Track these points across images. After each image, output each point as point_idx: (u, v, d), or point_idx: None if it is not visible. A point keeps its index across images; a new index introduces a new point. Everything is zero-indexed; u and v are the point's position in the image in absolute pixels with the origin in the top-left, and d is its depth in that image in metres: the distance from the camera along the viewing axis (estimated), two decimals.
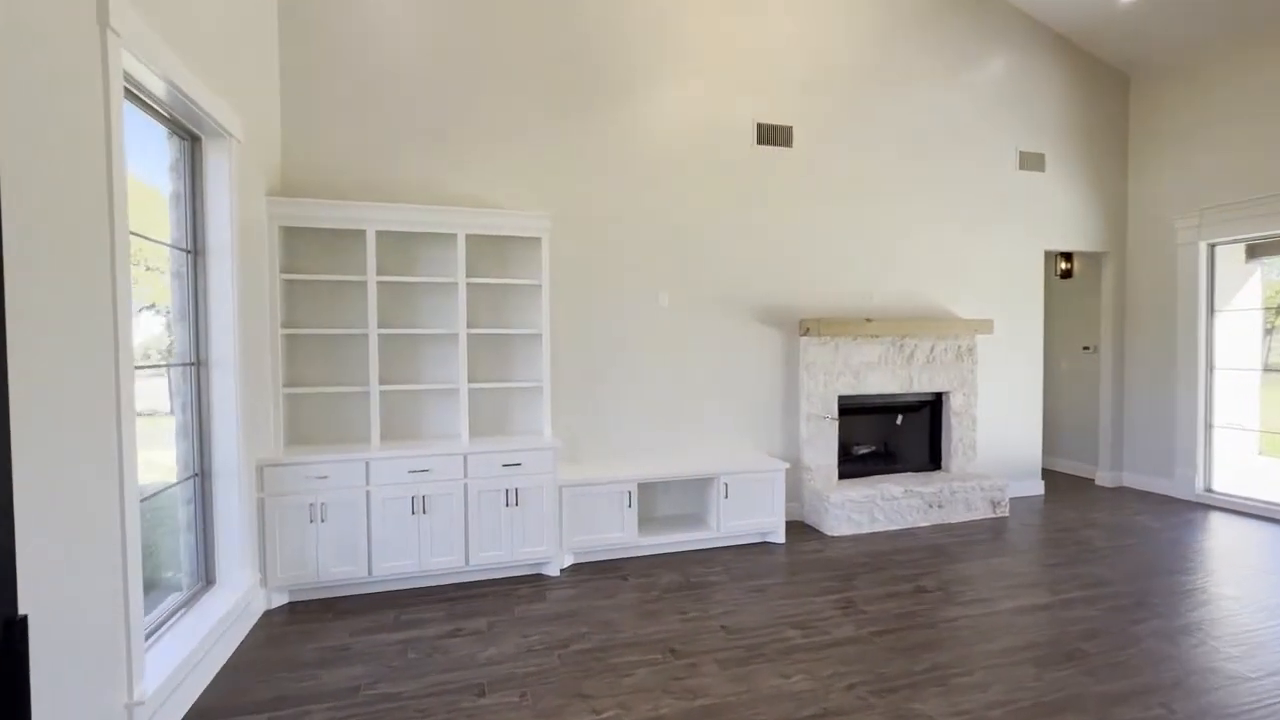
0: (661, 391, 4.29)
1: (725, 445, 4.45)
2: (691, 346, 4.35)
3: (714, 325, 4.41)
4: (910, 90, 4.84)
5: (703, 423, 4.40)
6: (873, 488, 4.41)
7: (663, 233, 4.28)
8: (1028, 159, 5.17)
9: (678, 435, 4.34)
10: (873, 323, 4.49)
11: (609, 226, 4.16)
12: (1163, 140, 5.27)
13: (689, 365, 4.35)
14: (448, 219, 3.56)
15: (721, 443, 4.44)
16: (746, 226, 4.46)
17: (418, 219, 3.52)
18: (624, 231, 4.20)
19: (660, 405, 4.30)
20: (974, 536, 4.21)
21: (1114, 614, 3.02)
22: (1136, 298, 5.47)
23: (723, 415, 4.44)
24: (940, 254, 4.94)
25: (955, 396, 4.90)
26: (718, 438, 4.44)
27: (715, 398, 4.42)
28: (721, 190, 4.39)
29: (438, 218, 3.55)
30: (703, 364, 4.38)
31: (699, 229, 4.35)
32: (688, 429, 4.36)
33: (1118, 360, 5.56)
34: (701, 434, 4.40)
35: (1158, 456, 5.32)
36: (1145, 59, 5.26)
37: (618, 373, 4.20)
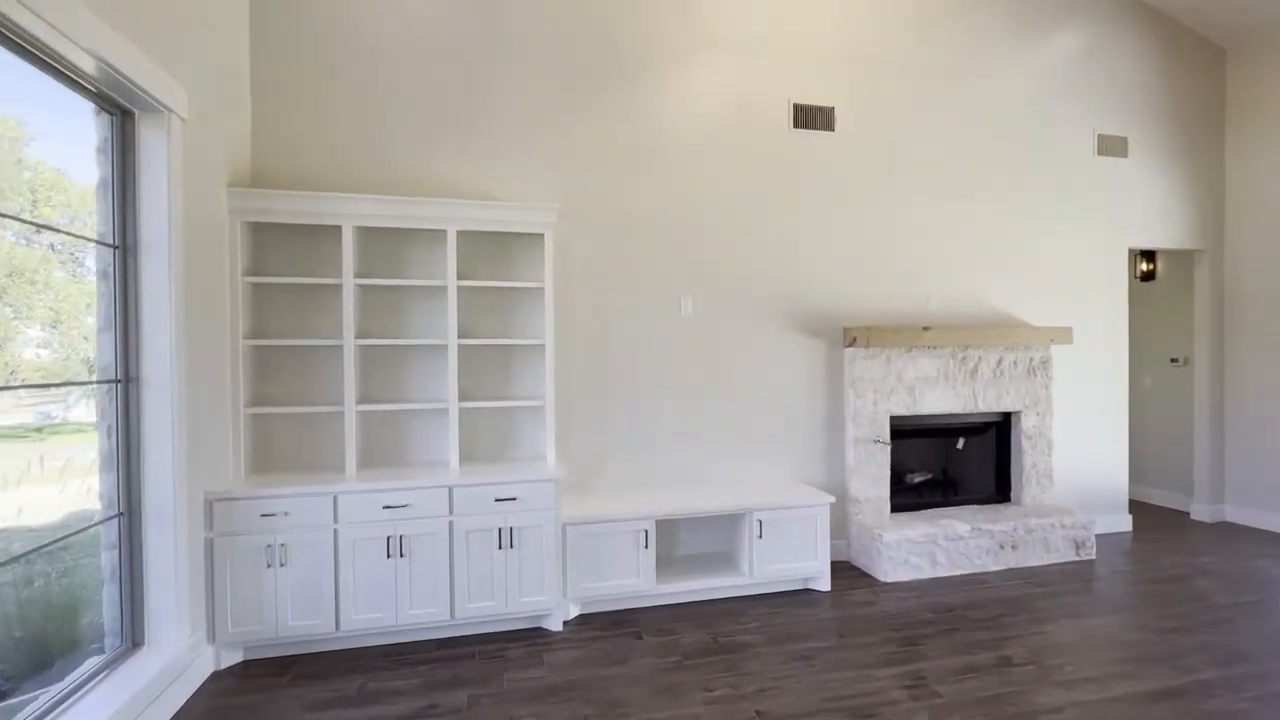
0: (684, 411, 3.73)
1: (758, 473, 3.86)
2: (719, 359, 3.78)
3: (745, 335, 3.83)
4: (971, 68, 4.22)
5: (732, 447, 3.82)
6: (933, 525, 3.75)
7: (686, 230, 3.74)
8: (1108, 143, 4.49)
9: (702, 461, 3.77)
10: (931, 331, 3.86)
11: (624, 223, 3.64)
12: (1268, 120, 4.53)
13: (716, 381, 3.78)
14: (436, 212, 3.08)
15: (754, 470, 3.85)
16: (781, 222, 3.89)
17: (401, 212, 3.05)
18: (641, 229, 3.67)
19: (682, 427, 3.73)
20: (1059, 586, 3.52)
21: (1270, 705, 2.33)
22: (1239, 302, 4.72)
23: (755, 438, 3.85)
24: (1006, 252, 4.29)
25: (1027, 417, 4.22)
26: (749, 464, 3.85)
27: (746, 418, 3.83)
28: (753, 181, 3.84)
29: (424, 211, 3.07)
30: (731, 380, 3.81)
31: (727, 225, 3.80)
32: (714, 454, 3.79)
33: (1216, 375, 4.80)
34: (730, 460, 3.81)
35: (1269, 487, 4.54)
36: (1245, 27, 4.55)
37: (633, 389, 3.65)
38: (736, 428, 3.82)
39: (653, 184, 3.67)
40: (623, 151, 3.63)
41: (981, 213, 4.23)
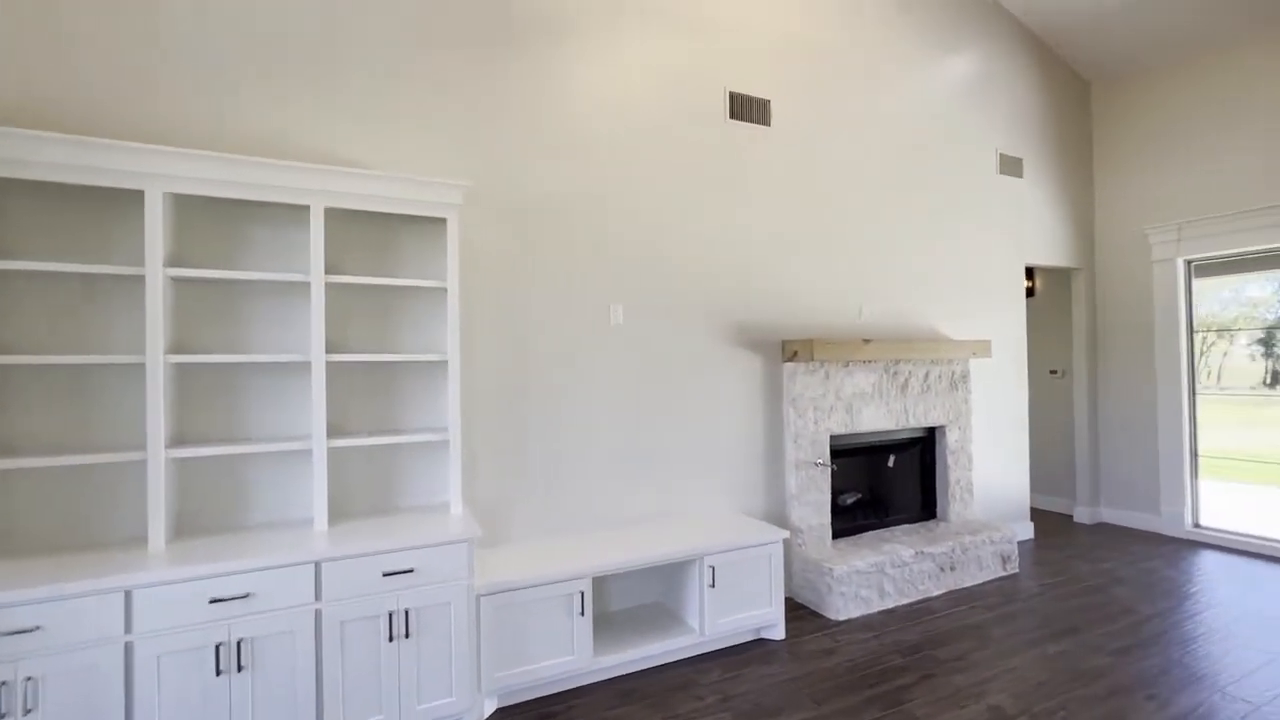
0: (614, 439, 3.15)
1: (696, 506, 3.37)
2: (653, 377, 3.26)
3: (681, 348, 3.35)
4: (894, 73, 4.13)
5: (668, 478, 3.30)
6: (878, 552, 3.50)
7: (617, 227, 3.19)
8: (1007, 163, 4.65)
9: (635, 497, 3.21)
10: (870, 344, 3.64)
11: (544, 215, 3.00)
12: (1129, 149, 4.96)
13: (650, 402, 3.25)
14: (297, 181, 2.25)
15: (691, 503, 3.36)
16: (719, 221, 3.47)
17: (244, 177, 2.18)
18: (565, 223, 3.06)
19: (613, 457, 3.15)
20: (1001, 608, 3.40)
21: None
22: (1110, 318, 5.09)
23: (692, 467, 3.37)
24: (926, 265, 4.23)
25: (951, 431, 4.16)
26: (686, 497, 3.35)
27: (682, 445, 3.34)
28: (690, 176, 3.39)
29: (279, 178, 2.23)
30: (667, 401, 3.30)
31: (662, 224, 3.31)
32: (648, 487, 3.24)
33: (1091, 385, 5.14)
34: (666, 493, 3.29)
35: (1139, 490, 4.90)
36: (1105, 63, 4.95)
37: (555, 414, 3.01)
38: (672, 456, 3.31)
39: (578, 171, 3.08)
40: (542, 130, 3.00)
41: (903, 224, 4.13)
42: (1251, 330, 4.51)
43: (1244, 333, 4.54)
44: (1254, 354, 4.52)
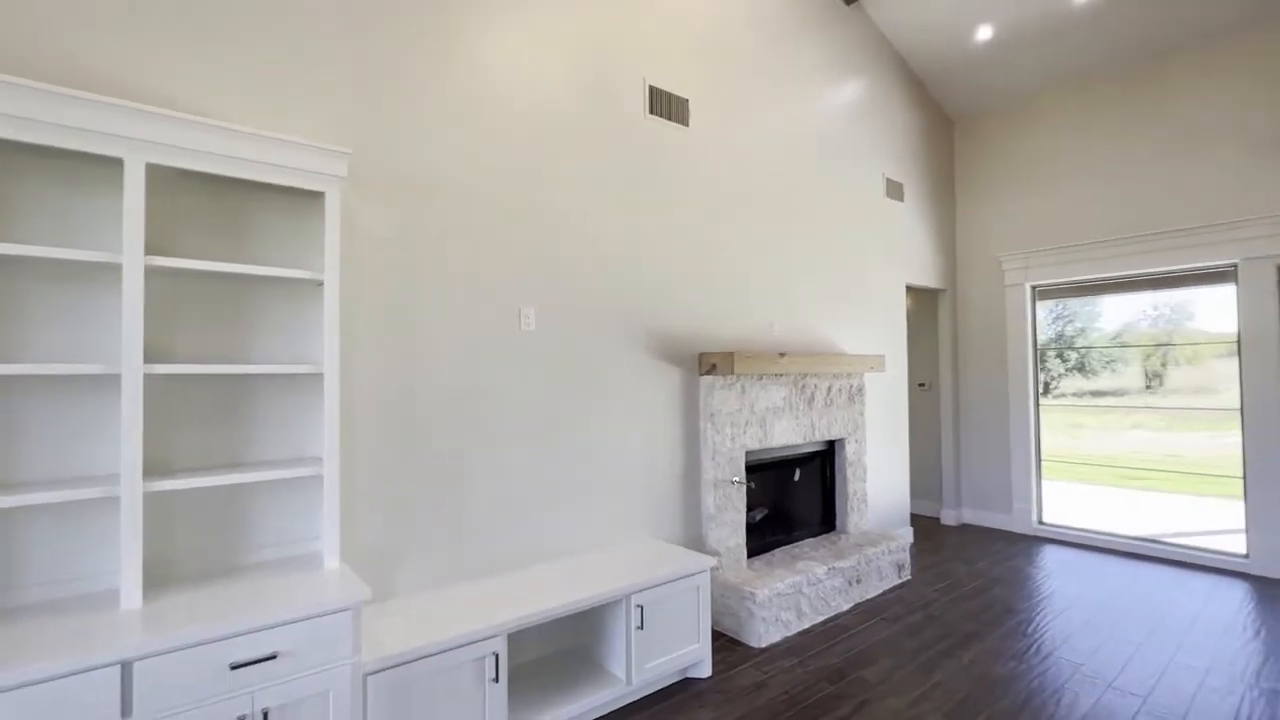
0: (527, 461, 2.74)
1: (613, 535, 3.05)
2: (568, 390, 2.90)
3: (599, 358, 3.02)
4: (801, 90, 4.16)
5: (584, 504, 2.94)
6: (794, 570, 3.41)
7: (529, 219, 2.79)
8: (892, 187, 4.91)
9: (551, 528, 2.81)
10: (786, 358, 3.57)
11: (449, 201, 2.53)
12: (985, 184, 5.48)
13: (565, 418, 2.88)
14: (108, 122, 1.62)
15: (607, 532, 3.03)
16: (638, 222, 3.21)
17: (24, 109, 1.51)
18: (472, 211, 2.61)
19: (526, 483, 2.73)
20: (906, 619, 3.46)
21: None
22: (970, 335, 5.58)
23: (609, 490, 3.04)
24: (825, 280, 4.29)
25: (849, 444, 4.23)
26: (601, 526, 3.02)
27: (600, 466, 3.01)
28: (607, 171, 3.08)
29: (83, 115, 1.58)
30: (584, 416, 2.95)
31: (578, 219, 2.97)
32: (564, 516, 2.87)
33: (954, 398, 5.59)
34: (583, 521, 2.94)
35: (994, 492, 5.39)
36: (966, 104, 5.45)
37: (458, 435, 2.54)
38: (589, 480, 2.96)
39: (486, 154, 2.64)
40: (447, 102, 2.54)
41: (806, 240, 4.16)
42: (1083, 348, 5.15)
43: (1076, 350, 5.18)
44: (1086, 367, 5.17)
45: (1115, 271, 4.74)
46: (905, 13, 4.59)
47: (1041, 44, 4.60)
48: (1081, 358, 5.18)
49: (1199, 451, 5.22)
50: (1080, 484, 5.20)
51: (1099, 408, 5.13)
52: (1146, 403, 5.09)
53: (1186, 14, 4.12)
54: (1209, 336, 4.71)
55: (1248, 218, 4.12)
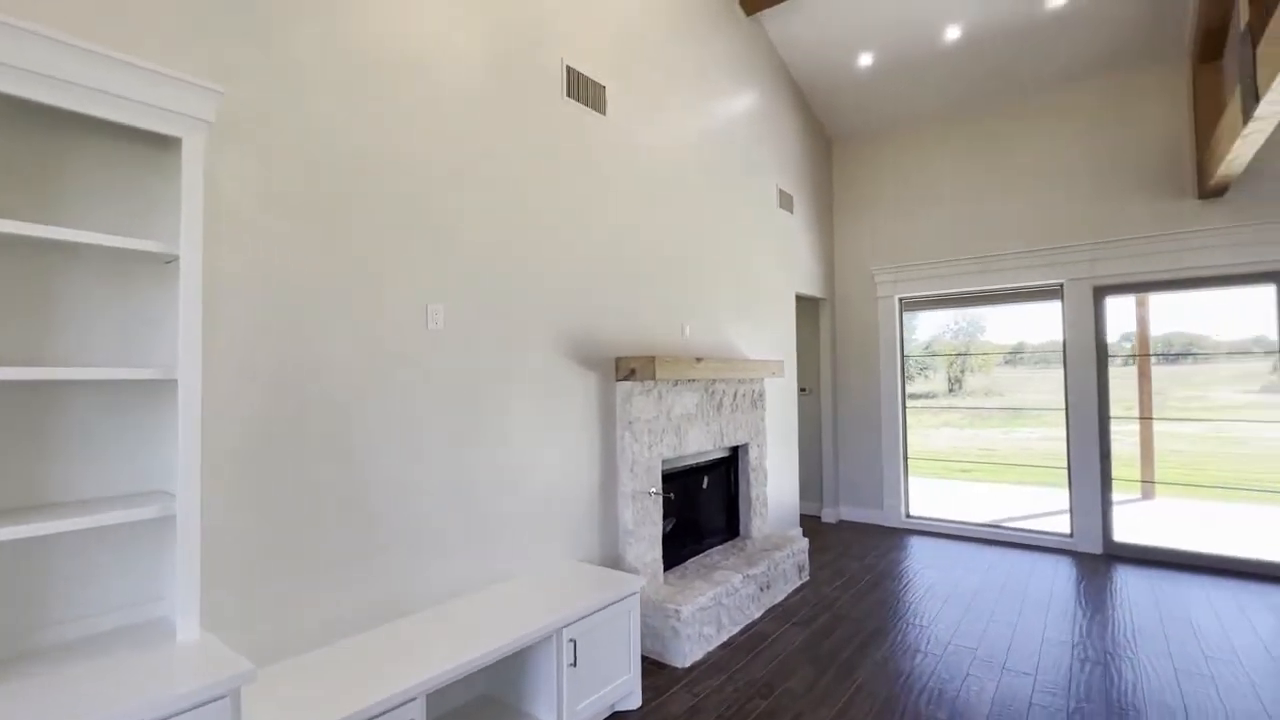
0: (433, 480, 2.34)
1: (530, 559, 2.73)
2: (482, 397, 2.54)
3: (515, 362, 2.70)
4: (710, 93, 4.13)
5: (499, 526, 2.60)
6: (711, 581, 3.31)
7: (439, 202, 2.41)
8: (784, 198, 5.07)
9: (463, 556, 2.43)
10: (702, 363, 3.48)
11: (345, 172, 2.09)
12: (859, 201, 5.89)
13: (478, 429, 2.52)
14: None
15: (528, 554, 2.71)
16: (553, 213, 2.93)
17: None
18: (372, 185, 2.18)
19: (433, 505, 2.34)
20: (817, 621, 3.51)
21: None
22: (846, 344, 5.94)
23: (526, 509, 2.72)
24: (729, 286, 4.30)
25: (752, 449, 4.26)
26: (521, 547, 2.69)
27: (512, 483, 2.68)
28: (521, 153, 2.78)
29: None
30: (499, 426, 2.61)
31: (493, 205, 2.63)
32: (478, 541, 2.50)
33: (833, 402, 5.91)
34: (498, 545, 2.59)
35: (868, 489, 5.77)
36: (841, 125, 5.82)
37: (351, 453, 2.09)
38: (502, 500, 2.62)
39: (388, 118, 2.22)
40: (344, 58, 2.09)
41: (712, 245, 4.13)
42: (948, 355, 5.70)
43: (942, 356, 5.72)
44: (906, 372, 5.72)
45: (968, 287, 5.30)
46: (794, 30, 4.77)
47: (912, 77, 5.02)
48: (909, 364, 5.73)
49: (1002, 445, 6.02)
50: (921, 478, 5.75)
51: (934, 408, 5.70)
52: (950, 403, 5.78)
53: (1024, 66, 4.71)
54: (997, 347, 5.50)
55: (1071, 245, 4.79)
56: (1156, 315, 4.99)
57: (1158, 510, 6.12)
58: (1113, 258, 4.65)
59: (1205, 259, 4.34)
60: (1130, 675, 2.83)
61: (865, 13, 4.50)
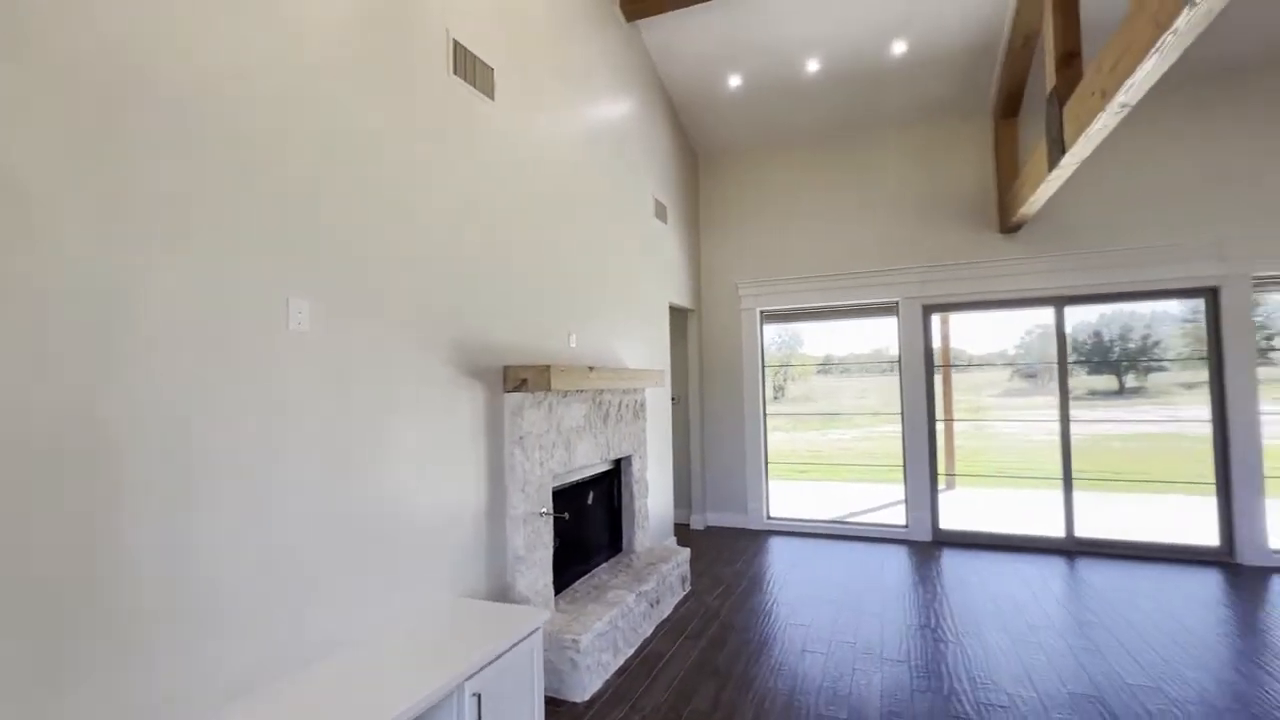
0: (294, 516, 1.89)
1: (418, 598, 2.34)
2: (353, 413, 2.12)
3: (394, 371, 2.30)
4: (594, 95, 3.98)
5: (377, 564, 2.18)
6: (605, 603, 3.13)
7: (306, 170, 1.97)
8: (659, 208, 5.08)
9: (330, 608, 1.99)
10: (595, 372, 3.30)
11: (174, 116, 1.59)
12: (724, 215, 6.12)
13: (348, 451, 2.09)
14: None
15: (408, 595, 2.31)
16: (440, 198, 2.58)
17: None
18: (223, 133, 1.69)
19: (297, 547, 1.88)
20: (707, 633, 3.48)
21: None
22: (713, 353, 6.11)
23: (405, 541, 2.33)
24: (610, 294, 4.18)
25: (635, 460, 4.16)
26: (401, 587, 2.29)
27: (392, 511, 2.27)
28: (401, 129, 2.40)
29: None
30: (372, 447, 2.20)
31: (371, 184, 2.22)
32: (351, 585, 2.07)
33: (701, 411, 6.05)
34: (375, 588, 2.17)
35: (733, 494, 5.97)
36: (705, 141, 6.03)
37: (187, 484, 1.60)
38: (378, 532, 2.21)
39: (243, 62, 1.76)
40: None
41: (592, 251, 3.98)
42: (806, 365, 6.10)
43: (798, 366, 6.10)
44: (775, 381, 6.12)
45: (821, 302, 5.74)
46: (670, 44, 4.83)
47: (776, 103, 5.33)
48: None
49: (821, 445, 6.65)
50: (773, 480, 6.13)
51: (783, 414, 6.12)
52: (795, 410, 6.28)
53: (871, 104, 5.24)
54: (810, 358, 6.12)
55: (905, 267, 5.40)
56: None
57: (960, 498, 7.14)
58: (937, 280, 5.32)
59: (1006, 284, 5.13)
60: (980, 651, 3.16)
61: (734, 36, 4.67)
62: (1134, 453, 8.65)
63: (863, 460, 11.86)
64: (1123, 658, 3.05)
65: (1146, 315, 9.67)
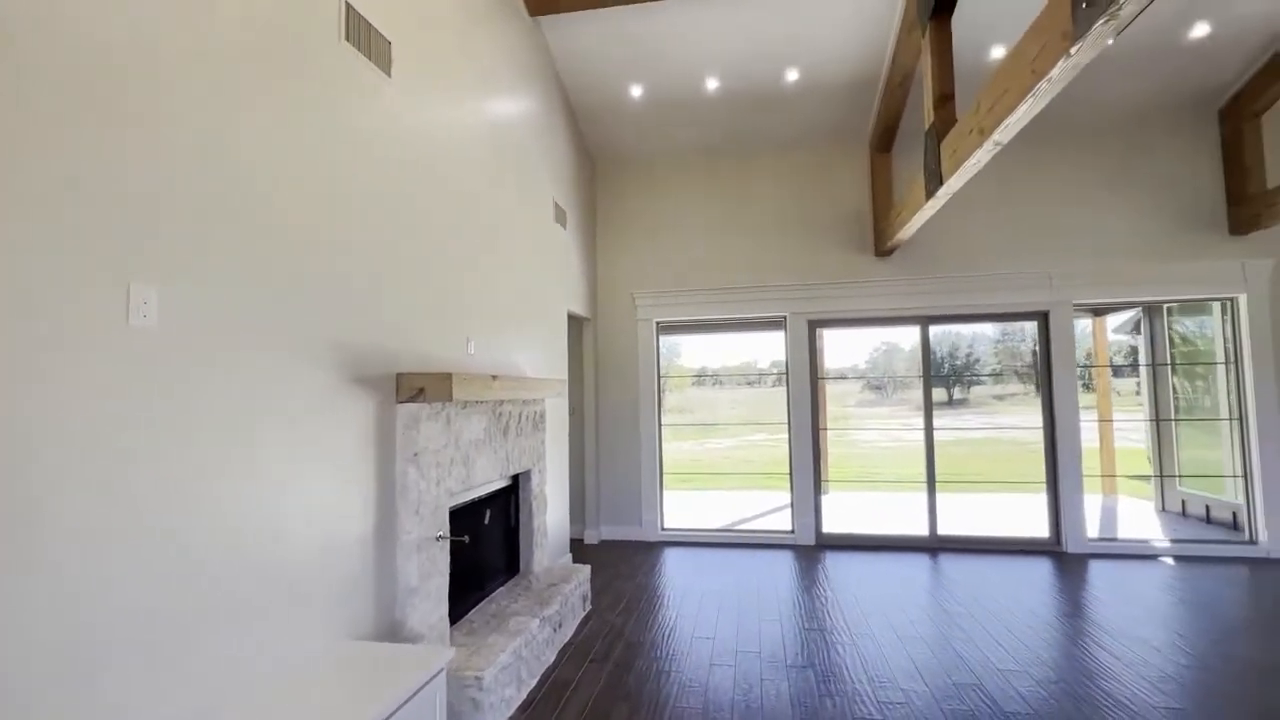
0: (129, 554, 1.50)
1: (293, 647, 1.97)
2: (212, 429, 1.75)
3: (266, 378, 1.94)
4: (496, 89, 3.76)
5: (245, 611, 1.81)
6: (507, 633, 2.89)
7: (160, 132, 1.60)
8: (559, 212, 4.92)
9: (175, 674, 1.60)
10: (498, 381, 3.06)
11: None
12: (621, 225, 6.08)
13: (206, 475, 1.72)
14: None
15: (284, 644, 1.94)
16: (321, 183, 2.25)
17: None
18: (41, 83, 1.31)
19: (136, 597, 1.49)
20: (613, 656, 3.34)
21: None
22: (608, 364, 6.02)
23: (277, 581, 1.96)
24: (508, 299, 3.95)
25: (534, 475, 3.94)
26: (274, 637, 1.91)
27: (262, 546, 1.91)
28: (280, 101, 2.06)
29: None
30: (237, 469, 1.83)
31: (234, 153, 1.87)
32: (207, 642, 1.69)
33: (596, 423, 5.92)
34: (238, 642, 1.79)
35: (628, 506, 5.89)
36: (601, 150, 5.98)
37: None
38: (245, 572, 1.84)
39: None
40: None
41: (490, 254, 3.74)
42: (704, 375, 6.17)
43: (676, 377, 6.16)
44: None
45: (716, 315, 5.86)
46: (572, 46, 4.72)
47: (676, 116, 5.40)
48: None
49: (699, 454, 6.89)
50: (686, 491, 6.18)
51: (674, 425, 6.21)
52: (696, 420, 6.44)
53: (766, 126, 5.47)
54: (687, 370, 6.32)
55: (794, 284, 5.67)
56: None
57: (834, 502, 7.63)
58: (822, 297, 5.64)
59: (880, 303, 5.55)
60: (874, 650, 3.31)
61: (638, 46, 4.67)
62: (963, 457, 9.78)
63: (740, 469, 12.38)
64: (991, 645, 3.34)
65: (969, 335, 11.01)
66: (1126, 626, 3.56)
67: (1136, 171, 5.21)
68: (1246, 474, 5.06)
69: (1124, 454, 7.99)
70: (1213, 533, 5.38)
